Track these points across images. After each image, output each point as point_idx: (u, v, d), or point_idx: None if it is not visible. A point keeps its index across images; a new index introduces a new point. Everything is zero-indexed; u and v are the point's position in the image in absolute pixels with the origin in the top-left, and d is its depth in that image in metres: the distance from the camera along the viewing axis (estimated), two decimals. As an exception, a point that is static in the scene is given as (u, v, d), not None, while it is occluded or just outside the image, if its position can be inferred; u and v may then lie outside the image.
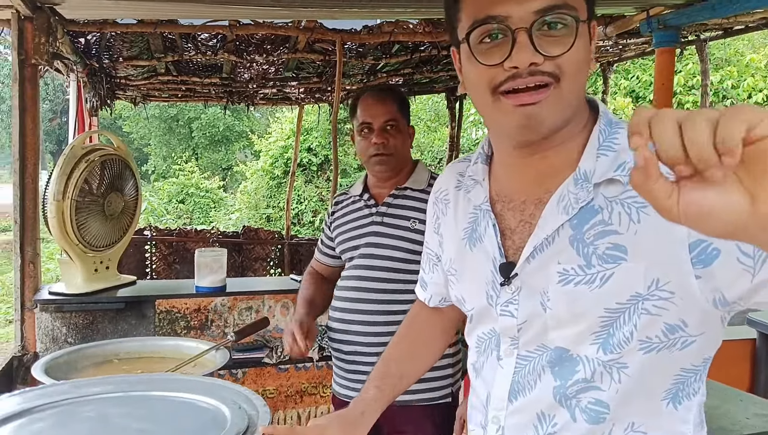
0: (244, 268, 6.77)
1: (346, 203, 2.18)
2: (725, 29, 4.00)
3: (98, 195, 2.78)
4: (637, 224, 0.87)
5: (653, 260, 0.86)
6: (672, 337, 0.89)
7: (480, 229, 1.05)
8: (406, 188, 2.05)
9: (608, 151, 0.92)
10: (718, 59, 10.97)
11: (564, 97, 0.90)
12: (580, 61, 0.89)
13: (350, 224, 2.12)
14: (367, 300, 2.01)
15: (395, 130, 2.02)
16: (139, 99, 5.70)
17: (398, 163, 2.04)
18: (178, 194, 16.03)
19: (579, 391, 0.94)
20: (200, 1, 2.83)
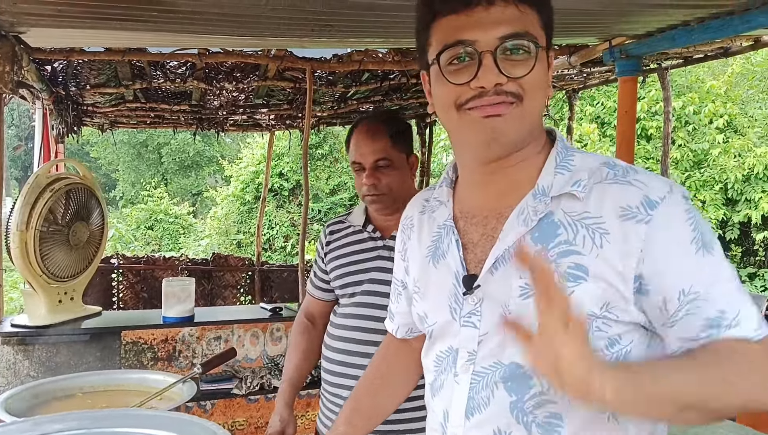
0: (214, 296, 6.69)
1: (345, 233, 1.99)
2: (685, 58, 4.12)
3: (63, 225, 2.73)
4: (599, 249, 0.93)
5: (607, 284, 0.92)
6: (612, 351, 0.95)
7: (443, 246, 1.09)
8: None
9: (564, 170, 0.99)
10: (680, 86, 11.29)
11: (525, 116, 0.97)
12: (539, 82, 0.97)
13: (352, 257, 1.94)
14: (369, 342, 1.83)
15: (389, 168, 1.84)
16: (107, 126, 5.64)
17: (396, 199, 1.86)
18: (147, 220, 15.81)
19: (535, 406, 0.96)
20: (168, 30, 2.83)
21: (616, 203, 0.93)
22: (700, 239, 0.91)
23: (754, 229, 10.58)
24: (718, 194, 10.68)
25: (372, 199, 1.87)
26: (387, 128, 1.86)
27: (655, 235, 0.91)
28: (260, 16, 2.52)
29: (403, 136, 1.89)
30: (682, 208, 0.93)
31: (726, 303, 0.90)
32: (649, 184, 0.94)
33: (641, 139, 10.70)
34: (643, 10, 2.68)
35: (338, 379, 1.91)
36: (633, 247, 0.91)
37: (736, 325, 0.89)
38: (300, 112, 5.20)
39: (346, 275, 1.94)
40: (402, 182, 1.86)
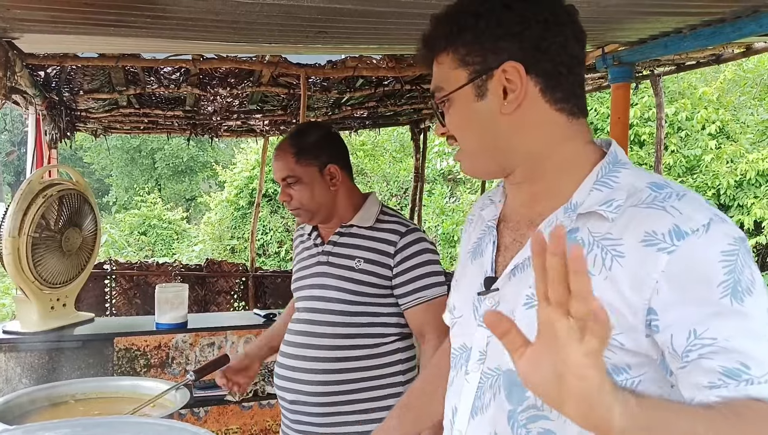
0: (207, 302, 6.66)
1: (301, 240, 2.09)
2: (678, 65, 4.15)
3: (56, 231, 2.72)
4: (608, 271, 0.89)
5: (610, 307, 0.84)
6: (618, 379, 0.89)
7: (483, 245, 1.11)
8: (352, 226, 1.93)
9: (604, 187, 0.95)
10: (673, 92, 11.35)
11: (467, 153, 1.04)
12: (459, 123, 1.01)
13: (301, 263, 2.02)
14: (312, 346, 1.88)
15: (297, 183, 1.89)
16: (101, 131, 5.62)
17: (316, 212, 1.93)
18: (140, 226, 15.75)
19: (529, 419, 0.93)
20: (163, 36, 2.83)
21: (641, 228, 0.88)
22: (731, 286, 0.82)
23: (746, 235, 10.59)
24: (710, 200, 10.73)
25: (292, 212, 1.96)
26: (291, 146, 1.92)
27: (677, 268, 0.84)
28: (254, 22, 2.53)
29: (311, 150, 1.91)
30: (718, 247, 0.84)
31: (752, 358, 0.81)
32: (684, 213, 0.86)
33: (634, 145, 10.75)
34: (635, 17, 2.70)
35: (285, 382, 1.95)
36: (649, 276, 0.85)
37: (765, 382, 0.80)
38: (294, 117, 5.20)
39: (295, 280, 2.03)
40: (313, 196, 1.90)
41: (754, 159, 10.18)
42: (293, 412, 1.91)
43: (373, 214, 1.93)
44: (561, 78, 0.97)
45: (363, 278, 1.86)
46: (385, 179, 14.67)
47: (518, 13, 0.95)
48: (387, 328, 1.89)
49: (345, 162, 1.98)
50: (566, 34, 0.97)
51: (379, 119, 5.71)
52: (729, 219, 0.89)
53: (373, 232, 1.89)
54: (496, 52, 0.95)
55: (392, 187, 14.44)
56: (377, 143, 14.88)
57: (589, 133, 1.02)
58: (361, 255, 1.88)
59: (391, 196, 14.50)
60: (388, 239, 1.86)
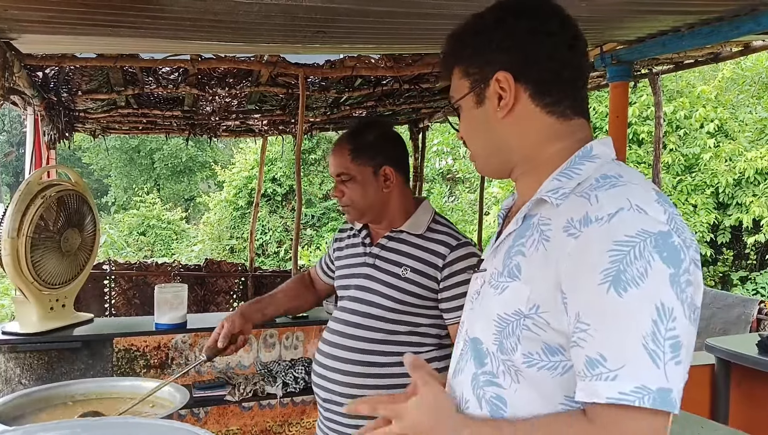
0: (207, 302, 6.66)
1: (348, 235, 2.07)
2: (676, 63, 4.15)
3: (54, 231, 2.72)
4: (536, 253, 0.98)
5: (536, 288, 0.96)
6: (553, 359, 0.96)
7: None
8: (402, 232, 1.90)
9: (565, 177, 1.02)
10: (671, 91, 11.35)
11: (475, 155, 1.15)
12: (469, 128, 1.13)
13: (347, 260, 2.00)
14: (348, 347, 1.87)
15: (350, 181, 1.88)
16: (99, 131, 5.61)
17: (366, 212, 1.91)
18: (139, 226, 15.75)
19: (486, 383, 1.03)
20: (161, 36, 2.82)
21: (567, 214, 0.95)
22: (612, 275, 0.86)
23: (745, 233, 10.64)
24: (709, 198, 10.73)
25: (343, 210, 1.95)
26: (348, 143, 1.90)
27: (576, 251, 0.91)
28: (253, 22, 2.52)
29: (368, 150, 1.89)
30: (613, 236, 0.88)
31: (611, 350, 0.86)
32: (600, 203, 0.92)
33: (633, 144, 10.75)
34: (634, 16, 2.70)
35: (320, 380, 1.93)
36: (560, 258, 0.93)
37: (613, 379, 0.85)
38: (293, 117, 5.20)
39: (341, 278, 2.00)
40: (365, 195, 1.88)
41: (753, 157, 10.18)
42: (326, 410, 1.91)
43: (424, 222, 1.90)
44: (550, 84, 1.05)
45: (408, 287, 1.83)
46: (384, 179, 14.63)
47: (508, 29, 1.05)
48: (425, 338, 1.86)
49: (402, 164, 1.95)
50: (556, 43, 1.04)
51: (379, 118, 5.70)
52: (660, 213, 0.90)
53: (423, 241, 1.86)
54: (490, 64, 1.06)
55: (391, 187, 14.40)
56: (376, 143, 14.85)
57: (583, 132, 1.07)
58: (408, 263, 1.85)
59: (390, 195, 14.49)
60: (438, 251, 1.83)
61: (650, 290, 0.85)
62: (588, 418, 0.89)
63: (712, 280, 10.82)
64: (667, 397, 0.84)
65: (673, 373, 0.85)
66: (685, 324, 0.86)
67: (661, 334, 0.84)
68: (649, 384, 0.84)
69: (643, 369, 0.84)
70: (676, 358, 0.85)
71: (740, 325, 5.55)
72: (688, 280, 0.88)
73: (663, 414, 0.85)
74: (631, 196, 0.92)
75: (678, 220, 0.92)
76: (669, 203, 0.94)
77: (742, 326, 5.53)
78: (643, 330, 0.85)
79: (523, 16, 1.05)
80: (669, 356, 0.84)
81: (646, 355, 0.84)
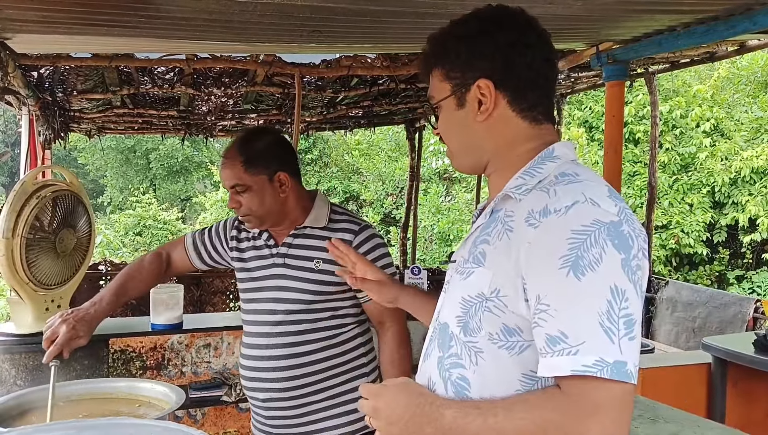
0: (203, 303, 6.65)
1: (246, 237, 2.06)
2: (672, 62, 4.16)
3: (50, 232, 2.71)
4: (499, 241, 1.07)
5: (498, 273, 1.05)
6: (511, 339, 1.04)
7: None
8: (306, 227, 1.95)
9: (528, 175, 1.10)
10: (667, 90, 11.36)
11: (452, 151, 1.22)
12: (446, 127, 1.21)
13: (252, 263, 2.02)
14: (276, 345, 1.93)
15: (246, 192, 1.89)
16: (94, 131, 5.60)
17: (266, 218, 1.94)
18: (135, 226, 15.70)
19: (451, 365, 1.11)
20: (156, 36, 2.82)
21: (529, 207, 1.04)
22: (572, 260, 0.95)
23: (741, 232, 10.65)
24: (705, 197, 10.75)
25: (242, 218, 1.97)
26: (240, 154, 1.90)
27: (536, 240, 0.99)
28: (248, 21, 2.52)
29: (260, 158, 1.90)
30: (570, 226, 0.97)
31: (571, 328, 0.94)
32: (558, 196, 1.01)
33: (629, 143, 10.77)
34: (629, 15, 2.70)
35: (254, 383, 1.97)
36: (521, 246, 1.01)
37: (575, 353, 0.93)
38: (289, 117, 5.19)
39: (247, 280, 2.02)
40: (262, 203, 1.90)
41: (749, 156, 10.20)
42: (267, 409, 1.96)
43: (324, 215, 1.97)
44: (526, 91, 1.13)
45: (324, 278, 1.90)
46: (381, 178, 14.66)
47: (491, 38, 1.12)
48: (346, 318, 1.97)
49: (294, 168, 1.99)
50: (534, 55, 1.13)
51: (374, 118, 5.71)
52: (611, 206, 1.00)
53: (327, 233, 1.93)
54: (472, 70, 1.14)
55: (388, 186, 14.44)
56: (372, 142, 14.87)
57: (551, 136, 1.16)
58: (319, 256, 1.92)
59: (387, 195, 14.51)
60: (343, 239, 1.88)
61: (605, 273, 0.94)
62: (562, 392, 0.96)
63: (709, 279, 10.84)
64: (622, 368, 0.92)
65: (627, 348, 0.93)
66: (637, 304, 0.96)
67: (615, 313, 0.93)
68: (607, 357, 0.92)
69: (600, 344, 0.93)
70: (630, 334, 0.94)
71: (736, 324, 5.56)
72: (638, 264, 0.97)
73: (624, 384, 0.93)
74: (586, 190, 1.01)
75: (627, 212, 1.01)
76: (619, 198, 1.03)
77: (738, 325, 5.54)
78: (600, 309, 0.93)
79: (505, 27, 1.13)
80: (623, 332, 0.93)
81: (603, 332, 0.93)
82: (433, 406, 1.04)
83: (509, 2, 1.16)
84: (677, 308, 6.14)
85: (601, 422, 0.92)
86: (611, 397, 0.93)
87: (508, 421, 0.97)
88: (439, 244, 12.70)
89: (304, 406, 1.93)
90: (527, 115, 1.14)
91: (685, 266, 11.17)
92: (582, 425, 0.92)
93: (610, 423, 0.92)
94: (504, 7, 1.16)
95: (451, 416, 1.02)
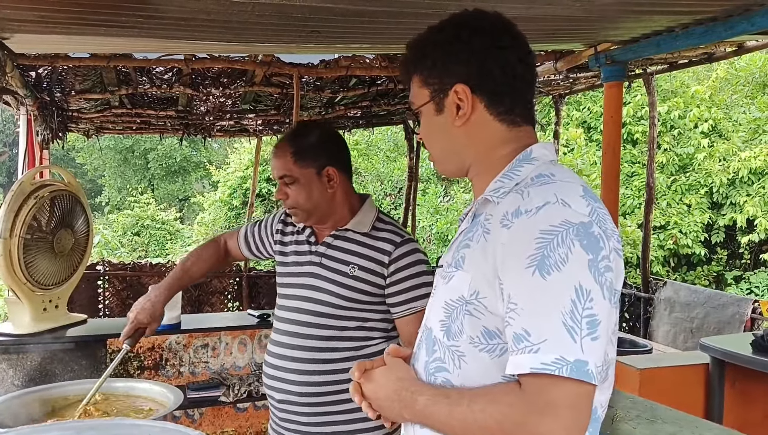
0: (201, 303, 6.64)
1: (291, 231, 2.04)
2: (670, 63, 4.16)
3: (47, 232, 2.70)
4: (477, 244, 1.08)
5: (476, 275, 1.06)
6: (491, 342, 1.05)
7: None
8: (347, 230, 1.92)
9: (506, 178, 1.12)
10: (665, 91, 11.37)
11: (433, 155, 1.24)
12: (426, 132, 1.22)
13: (292, 257, 1.99)
14: (301, 347, 1.88)
15: (294, 184, 1.88)
16: (93, 131, 5.60)
17: (312, 213, 1.91)
18: (133, 226, 15.68)
19: (436, 369, 1.12)
20: (155, 36, 2.81)
21: (504, 209, 1.05)
22: (538, 260, 0.96)
23: (739, 233, 10.67)
24: (703, 198, 10.76)
25: (288, 212, 1.96)
26: (290, 146, 1.91)
27: (508, 240, 1.01)
28: (247, 21, 2.52)
29: (310, 151, 1.90)
30: (539, 226, 0.98)
31: (535, 326, 0.95)
32: (530, 197, 1.02)
33: (627, 144, 10.78)
34: (628, 16, 2.70)
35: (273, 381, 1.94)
36: (497, 249, 1.02)
37: (536, 351, 0.94)
38: (287, 117, 5.19)
39: (286, 275, 2.01)
40: (310, 197, 1.89)
41: (747, 157, 10.21)
42: (282, 411, 1.92)
43: (369, 220, 1.92)
44: (503, 95, 1.14)
45: (356, 285, 1.86)
46: (379, 178, 14.65)
47: (466, 43, 1.13)
48: (373, 331, 1.90)
49: (344, 164, 1.95)
50: (508, 58, 1.13)
51: (373, 118, 5.71)
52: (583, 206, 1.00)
53: (368, 239, 1.89)
54: (449, 76, 1.15)
55: (386, 187, 14.42)
56: (371, 142, 14.86)
57: (530, 138, 1.17)
58: (355, 261, 1.88)
59: (386, 195, 14.49)
60: (384, 249, 1.86)
61: (570, 273, 0.95)
62: (521, 387, 0.97)
63: (706, 280, 10.85)
64: (583, 368, 0.92)
65: (590, 347, 0.93)
66: (603, 304, 0.96)
67: (578, 312, 0.94)
68: (567, 356, 0.92)
69: (562, 342, 0.93)
70: (593, 334, 0.94)
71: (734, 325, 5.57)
72: (608, 265, 0.98)
73: (583, 384, 0.93)
74: (558, 191, 1.02)
75: (600, 212, 1.02)
76: (594, 198, 1.04)
77: (736, 326, 5.55)
78: (563, 308, 0.94)
79: (478, 32, 1.14)
80: (585, 332, 0.94)
81: (565, 331, 0.93)
82: (408, 391, 1.10)
83: (510, 4, 1.16)
84: (675, 309, 6.15)
85: (554, 420, 0.92)
86: (567, 396, 0.93)
87: (471, 412, 0.99)
88: (437, 245, 12.69)
89: (319, 415, 1.87)
90: (505, 119, 1.15)
91: (683, 267, 11.18)
92: (534, 422, 0.93)
93: (563, 422, 0.92)
94: (479, 12, 1.17)
95: (422, 403, 1.06)
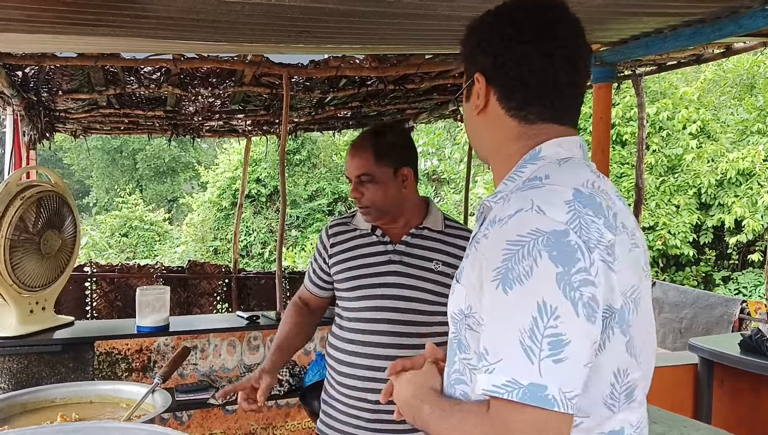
0: (190, 305, 6.61)
1: (351, 236, 2.03)
2: (659, 65, 4.18)
3: (34, 233, 2.68)
4: (467, 256, 1.05)
5: (469, 289, 1.01)
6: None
7: None
8: (425, 228, 1.97)
9: (510, 181, 1.08)
10: (654, 92, 11.44)
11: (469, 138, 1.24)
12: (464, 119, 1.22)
13: (362, 260, 1.98)
14: (399, 345, 1.89)
15: (371, 182, 1.91)
16: (80, 132, 5.56)
17: (385, 212, 1.94)
18: (122, 227, 15.60)
19: (456, 381, 1.08)
20: (143, 36, 2.79)
21: (493, 215, 0.99)
22: (502, 273, 0.90)
23: (727, 233, 10.75)
24: (692, 199, 10.83)
25: (361, 210, 1.96)
26: (371, 144, 1.93)
27: (483, 252, 0.96)
28: (236, 21, 2.50)
29: (390, 152, 1.93)
30: (507, 236, 0.91)
31: (492, 345, 0.90)
32: (509, 203, 0.96)
33: (616, 145, 10.83)
34: (617, 18, 2.71)
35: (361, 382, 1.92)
36: (481, 261, 0.96)
37: (491, 372, 0.88)
38: (277, 117, 5.17)
39: (355, 278, 1.97)
40: (386, 196, 1.92)
41: (735, 158, 10.29)
42: (375, 412, 1.89)
43: (440, 219, 2.00)
44: (515, 89, 1.08)
45: (442, 280, 1.90)
46: (369, 179, 14.61)
47: (487, 32, 1.10)
48: None
49: (416, 165, 2.01)
50: (525, 52, 1.05)
51: (363, 119, 5.70)
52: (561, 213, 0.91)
53: (445, 237, 1.96)
54: (474, 64, 1.13)
55: (376, 188, 14.39)
56: (361, 143, 14.82)
57: (544, 135, 1.08)
58: (438, 257, 1.93)
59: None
60: (462, 245, 1.90)
61: (533, 288, 0.87)
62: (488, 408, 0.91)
63: (695, 280, 10.93)
64: (539, 393, 0.84)
65: (550, 370, 0.84)
66: (574, 323, 0.86)
67: (539, 331, 0.85)
68: (520, 379, 0.85)
69: (515, 364, 0.86)
70: (556, 355, 0.85)
71: (723, 325, 5.61)
72: (585, 279, 0.88)
73: (541, 411, 0.84)
74: (537, 196, 0.94)
75: (584, 220, 0.91)
76: (584, 204, 0.94)
77: (724, 326, 5.59)
78: (521, 326, 0.86)
79: (506, 22, 1.08)
80: (546, 353, 0.85)
81: (522, 351, 0.85)
82: (418, 399, 1.09)
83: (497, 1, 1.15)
84: (664, 309, 6.18)
85: None
86: (524, 423, 0.85)
87: (452, 429, 0.96)
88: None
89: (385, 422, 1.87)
90: (516, 114, 1.08)
91: (671, 267, 11.25)
92: None
93: None
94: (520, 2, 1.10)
95: (426, 412, 1.05)
